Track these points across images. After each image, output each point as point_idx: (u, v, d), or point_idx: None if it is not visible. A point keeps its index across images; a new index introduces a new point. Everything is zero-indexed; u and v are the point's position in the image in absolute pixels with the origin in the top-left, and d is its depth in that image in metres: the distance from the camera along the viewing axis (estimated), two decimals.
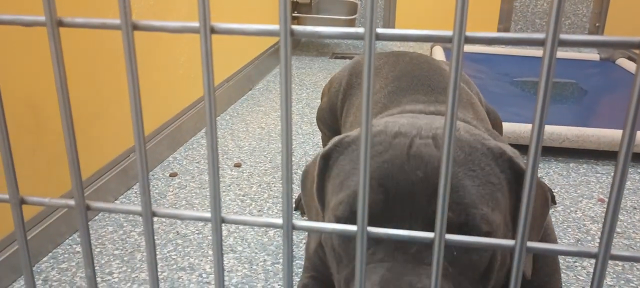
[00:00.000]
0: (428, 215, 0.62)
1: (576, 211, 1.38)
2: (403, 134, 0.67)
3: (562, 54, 2.66)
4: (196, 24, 0.34)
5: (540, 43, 0.32)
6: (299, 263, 1.15)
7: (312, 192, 0.75)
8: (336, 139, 0.73)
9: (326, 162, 0.73)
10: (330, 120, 1.34)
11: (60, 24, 0.35)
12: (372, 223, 0.63)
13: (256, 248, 1.20)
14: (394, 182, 0.63)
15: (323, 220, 0.73)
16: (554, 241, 0.85)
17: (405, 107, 0.98)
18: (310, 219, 0.82)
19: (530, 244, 0.36)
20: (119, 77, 1.38)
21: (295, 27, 0.32)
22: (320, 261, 0.91)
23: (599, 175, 1.57)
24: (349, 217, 0.64)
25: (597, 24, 3.33)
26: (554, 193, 1.44)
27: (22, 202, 0.42)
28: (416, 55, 1.22)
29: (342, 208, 0.65)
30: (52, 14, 0.34)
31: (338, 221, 0.66)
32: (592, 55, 2.68)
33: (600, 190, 1.48)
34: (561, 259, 1.17)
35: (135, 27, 0.34)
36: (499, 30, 3.37)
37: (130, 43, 0.34)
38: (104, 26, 0.36)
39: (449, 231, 0.61)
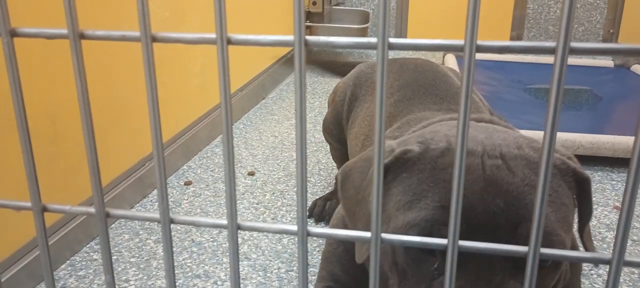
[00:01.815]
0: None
1: (591, 219, 1.37)
2: (471, 152, 0.65)
3: (576, 60, 2.65)
4: (213, 35, 0.35)
5: (551, 51, 0.32)
6: (313, 271, 1.15)
7: (363, 197, 0.72)
8: (398, 152, 0.69)
9: (386, 174, 0.69)
10: (336, 130, 1.34)
11: (82, 36, 0.36)
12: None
13: (270, 256, 1.21)
14: (474, 212, 0.61)
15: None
16: (576, 246, 0.85)
17: (417, 114, 0.97)
18: (353, 227, 0.79)
19: (543, 250, 0.36)
20: (134, 86, 1.40)
21: (310, 38, 0.33)
22: (341, 270, 0.88)
23: (614, 182, 1.56)
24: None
25: (611, 31, 3.30)
26: None
27: (44, 209, 0.43)
28: (420, 61, 1.21)
29: (418, 231, 0.63)
30: (75, 27, 0.36)
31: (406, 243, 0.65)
32: (607, 61, 2.66)
33: (616, 198, 1.47)
34: None
35: (154, 39, 0.35)
36: (511, 37, 3.36)
37: (150, 55, 0.35)
38: (124, 38, 0.37)
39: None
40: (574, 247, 0.87)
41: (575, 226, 0.72)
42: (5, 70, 1.02)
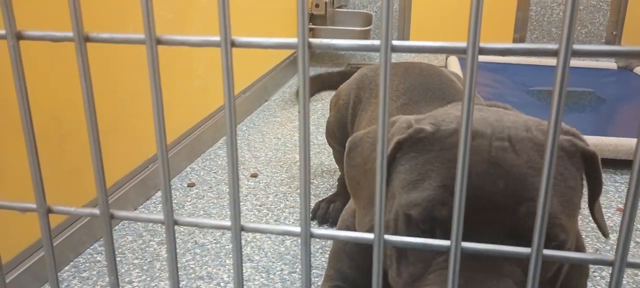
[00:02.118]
0: (509, 227, 0.61)
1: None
2: (480, 135, 0.65)
3: (579, 62, 2.64)
4: (217, 38, 0.35)
5: (553, 53, 0.32)
6: (316, 273, 1.16)
7: (371, 168, 0.72)
8: (412, 130, 0.69)
9: (398, 148, 0.70)
10: (340, 134, 1.34)
11: (87, 39, 0.37)
12: (451, 232, 0.63)
13: (273, 258, 1.21)
14: (475, 191, 0.62)
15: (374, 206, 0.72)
16: (582, 246, 0.85)
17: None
18: (356, 198, 0.78)
19: (546, 252, 0.36)
20: (138, 89, 1.40)
21: (313, 40, 0.33)
22: (350, 266, 0.88)
23: (617, 184, 1.56)
24: (425, 221, 0.64)
25: (614, 33, 3.30)
26: None
27: (49, 211, 0.43)
28: (425, 66, 1.21)
29: (419, 211, 0.64)
30: (80, 30, 0.36)
31: (408, 220, 0.65)
32: (610, 63, 2.66)
33: (619, 200, 1.47)
34: None
35: (159, 42, 0.36)
36: (514, 39, 3.35)
37: (155, 57, 0.35)
38: (128, 41, 0.37)
39: (529, 239, 0.60)
40: (578, 237, 0.87)
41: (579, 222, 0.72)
42: (11, 73, 1.02)
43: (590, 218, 1.38)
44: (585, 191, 0.70)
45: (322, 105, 2.27)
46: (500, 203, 0.61)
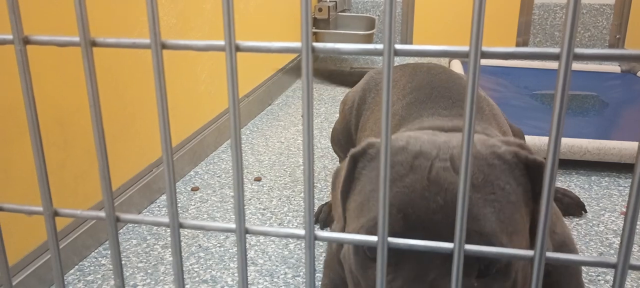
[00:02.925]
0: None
1: (598, 224, 1.36)
2: (424, 155, 0.65)
3: (582, 66, 2.64)
4: (221, 43, 0.35)
5: (555, 57, 0.32)
6: (319, 277, 1.16)
7: (337, 196, 0.74)
8: (367, 142, 0.70)
9: (354, 164, 0.71)
10: (345, 140, 1.33)
11: (94, 44, 0.37)
12: (391, 250, 0.63)
13: (277, 261, 1.21)
14: (414, 209, 0.61)
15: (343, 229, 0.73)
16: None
17: (424, 121, 0.97)
18: (337, 218, 0.81)
19: (549, 254, 0.36)
20: (141, 92, 1.41)
21: (317, 45, 0.34)
22: (337, 274, 0.89)
23: (621, 188, 1.56)
24: (369, 248, 0.64)
25: (617, 36, 3.29)
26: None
27: (55, 214, 0.44)
28: (433, 65, 1.21)
29: (364, 233, 0.64)
30: (86, 35, 0.36)
31: (356, 249, 0.66)
32: (613, 67, 2.65)
33: (623, 203, 1.47)
34: (584, 273, 1.16)
35: (164, 46, 0.36)
36: (517, 42, 3.35)
37: (160, 62, 0.36)
38: (134, 46, 0.37)
39: (469, 262, 0.60)
40: (569, 243, 0.86)
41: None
42: (16, 77, 1.03)
43: (594, 222, 1.37)
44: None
45: (325, 110, 2.27)
46: (438, 220, 0.61)
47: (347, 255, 0.70)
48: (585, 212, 1.40)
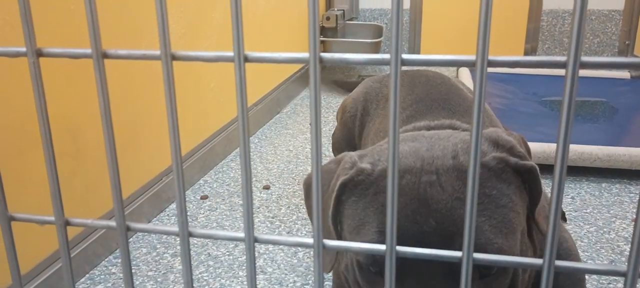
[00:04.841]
0: (445, 265, 0.62)
1: (609, 232, 1.35)
2: (409, 171, 0.65)
3: (591, 72, 2.63)
4: (230, 53, 0.36)
5: (562, 65, 0.33)
6: (328, 285, 1.16)
7: (327, 215, 0.75)
8: (356, 168, 0.70)
9: (342, 190, 0.71)
10: (347, 148, 1.33)
11: (105, 56, 0.38)
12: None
13: (286, 270, 1.21)
14: (407, 235, 0.62)
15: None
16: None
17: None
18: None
19: (558, 263, 0.36)
20: (152, 102, 1.42)
21: (324, 55, 0.34)
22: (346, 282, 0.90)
23: (632, 195, 1.55)
24: (373, 264, 0.66)
25: (627, 42, 3.28)
26: (564, 212, 1.42)
27: (67, 223, 0.44)
28: (431, 74, 1.21)
29: (364, 256, 0.66)
30: (98, 48, 0.37)
31: (359, 266, 0.68)
32: (623, 73, 2.64)
33: (634, 210, 1.46)
34: (593, 281, 1.15)
35: (174, 58, 0.37)
36: (526, 49, 3.34)
37: (170, 73, 0.36)
38: (144, 57, 0.38)
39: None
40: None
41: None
42: (28, 88, 1.04)
43: (605, 229, 1.36)
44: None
45: (333, 118, 2.28)
46: (432, 241, 0.61)
47: (350, 269, 0.71)
48: (565, 220, 1.40)
